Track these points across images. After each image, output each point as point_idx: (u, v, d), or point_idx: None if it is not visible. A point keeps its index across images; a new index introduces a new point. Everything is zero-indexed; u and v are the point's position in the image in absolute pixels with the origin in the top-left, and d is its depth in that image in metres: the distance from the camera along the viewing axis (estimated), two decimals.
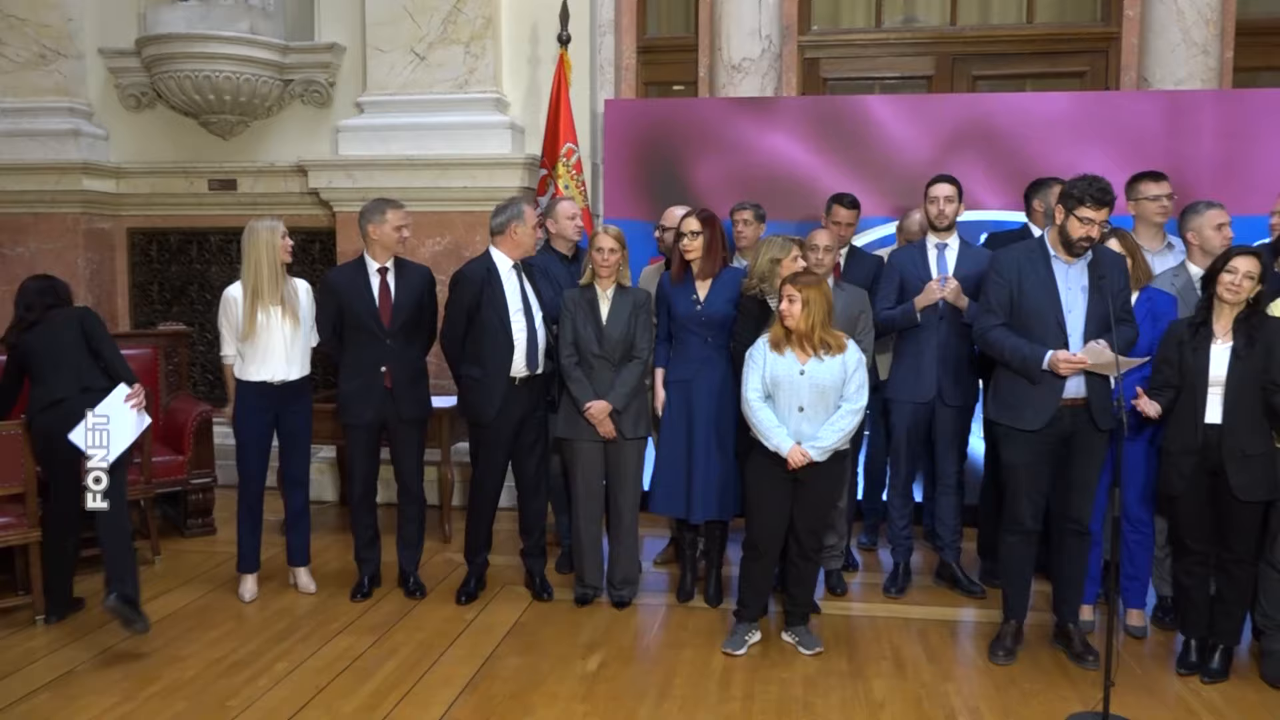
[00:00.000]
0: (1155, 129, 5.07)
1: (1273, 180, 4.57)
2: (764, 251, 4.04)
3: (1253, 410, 3.44)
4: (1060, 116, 5.17)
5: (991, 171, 5.15)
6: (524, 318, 4.14)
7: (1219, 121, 5.06)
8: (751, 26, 5.88)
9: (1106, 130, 5.10)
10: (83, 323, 3.91)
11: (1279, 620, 3.59)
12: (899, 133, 5.29)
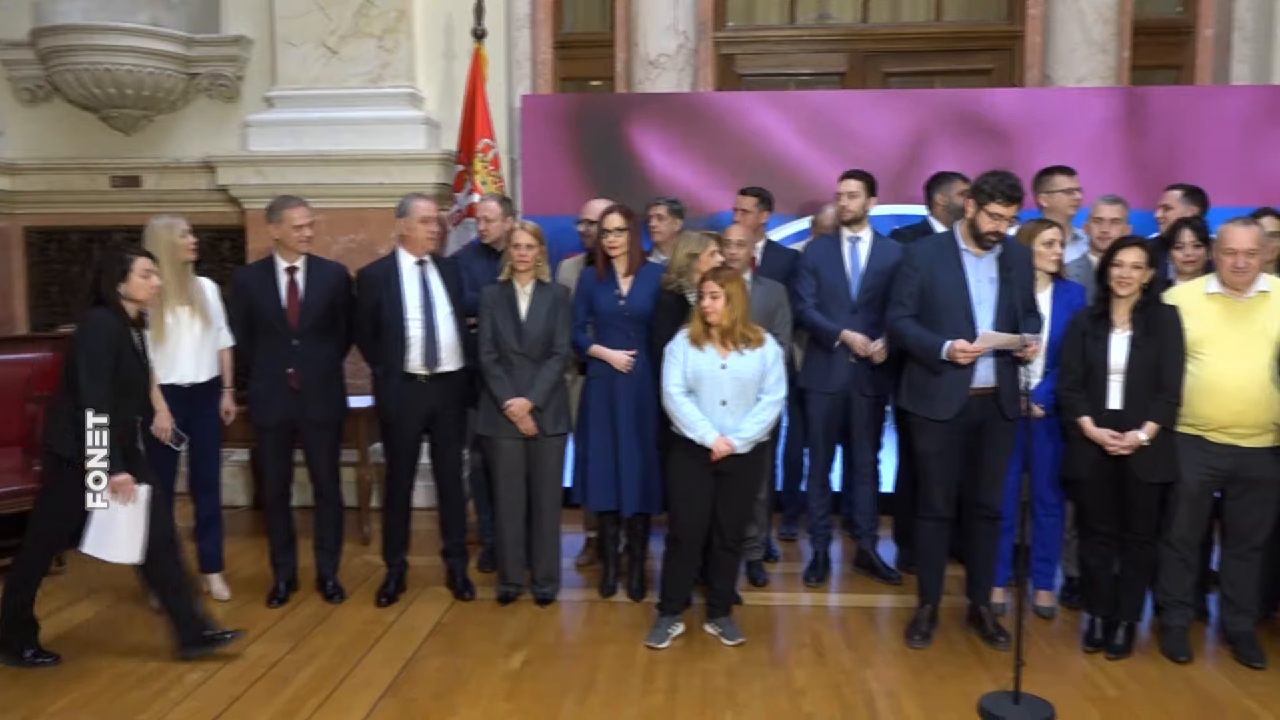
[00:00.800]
0: (1057, 125, 5.23)
1: (1167, 176, 4.76)
2: (681, 247, 4.06)
3: (1150, 396, 3.57)
4: (966, 113, 5.30)
5: (900, 166, 5.24)
6: (423, 315, 4.10)
7: (1119, 118, 5.24)
8: (668, 22, 5.90)
9: (1007, 126, 5.24)
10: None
11: (1177, 597, 3.74)
12: (814, 128, 5.36)
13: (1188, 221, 3.91)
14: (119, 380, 3.46)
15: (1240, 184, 5.05)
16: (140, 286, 3.52)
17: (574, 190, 5.34)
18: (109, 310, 3.48)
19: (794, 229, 5.30)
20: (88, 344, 3.43)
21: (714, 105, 5.50)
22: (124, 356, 3.48)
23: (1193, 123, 5.19)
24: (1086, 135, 5.21)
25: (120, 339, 3.48)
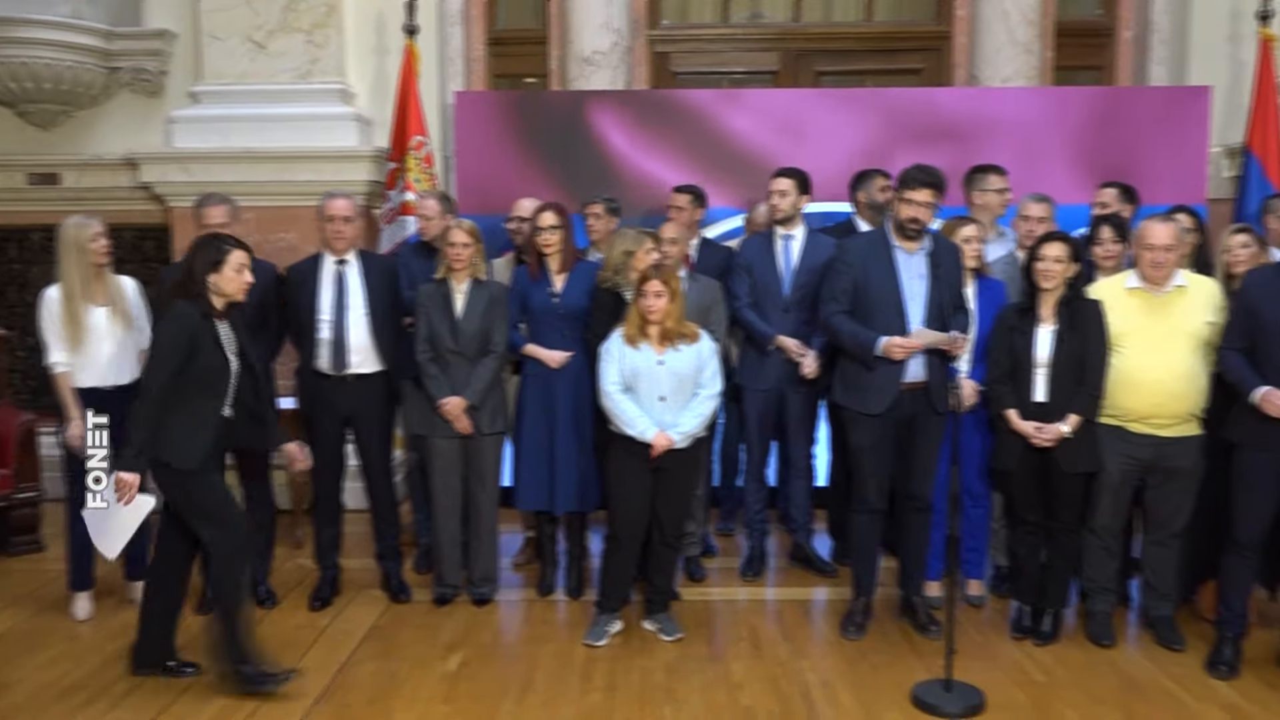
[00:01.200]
0: (985, 125, 5.33)
1: (1093, 173, 4.89)
2: (617, 244, 4.07)
3: (1074, 389, 3.66)
4: (895, 112, 5.37)
5: (831, 163, 5.29)
6: (333, 315, 4.06)
7: (1047, 117, 5.35)
8: (601, 20, 5.90)
9: (938, 126, 5.32)
10: None
11: (1101, 583, 3.84)
12: (747, 126, 5.39)
13: (1107, 218, 4.03)
14: (198, 375, 3.28)
15: (1157, 182, 5.20)
16: (231, 280, 3.34)
17: (509, 188, 5.29)
18: (192, 302, 3.30)
19: (732, 225, 5.32)
20: (160, 336, 3.30)
21: (651, 102, 5.50)
22: (204, 350, 3.29)
23: (1112, 122, 5.33)
24: (1018, 133, 5.31)
25: (200, 332, 3.29)
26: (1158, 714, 3.27)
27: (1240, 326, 3.49)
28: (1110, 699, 3.37)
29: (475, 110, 5.49)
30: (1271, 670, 3.55)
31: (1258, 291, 3.47)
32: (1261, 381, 3.38)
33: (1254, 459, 3.46)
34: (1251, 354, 3.46)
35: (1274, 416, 3.33)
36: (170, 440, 3.28)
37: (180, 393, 3.26)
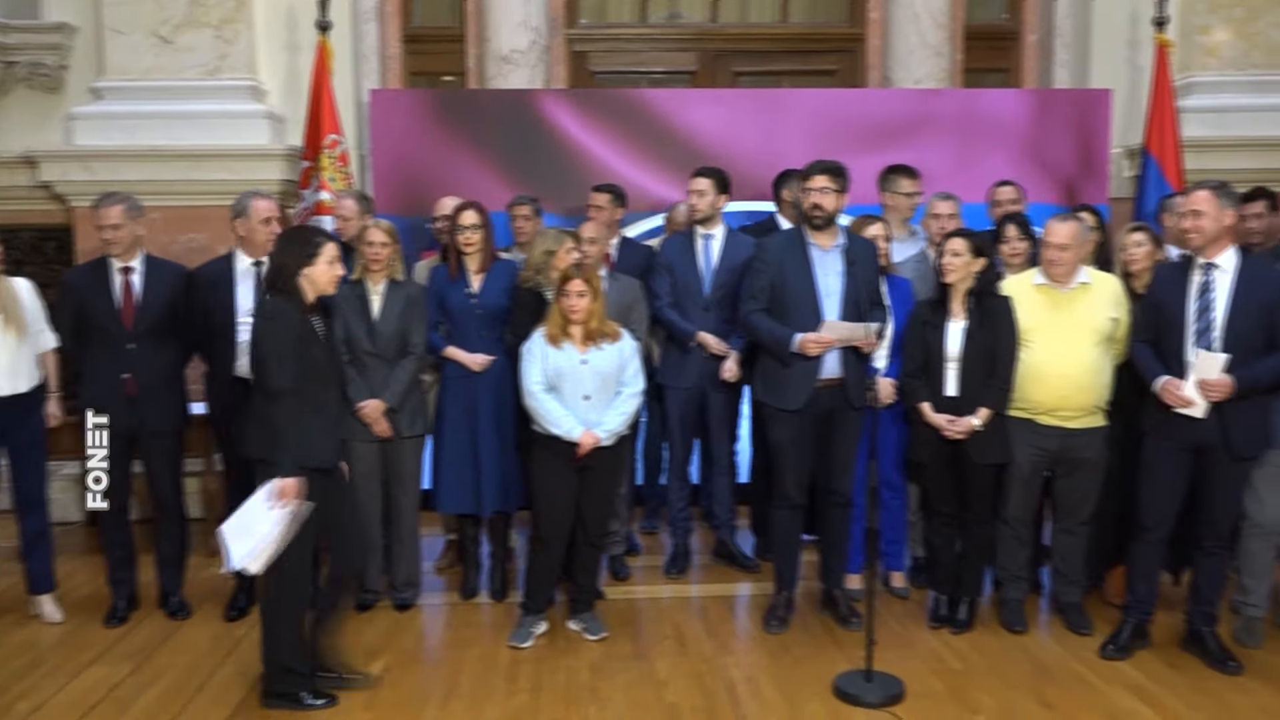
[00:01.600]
0: (898, 124, 5.43)
1: (1001, 173, 5.02)
2: (538, 244, 4.06)
3: (984, 383, 3.76)
4: (812, 112, 5.44)
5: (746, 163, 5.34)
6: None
7: (954, 118, 5.48)
8: (519, 18, 5.87)
9: (852, 125, 5.40)
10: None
11: (1013, 571, 3.96)
12: (667, 125, 5.40)
13: (1012, 217, 4.15)
14: (310, 371, 3.17)
15: (1062, 182, 5.38)
16: (324, 273, 3.22)
17: (426, 188, 5.23)
18: (287, 297, 3.18)
19: (652, 224, 5.33)
20: (273, 334, 3.12)
21: (570, 102, 5.49)
22: (311, 345, 3.19)
23: (1018, 123, 5.48)
24: (929, 134, 5.42)
25: (304, 326, 3.19)
26: (1068, 696, 3.38)
27: (1148, 319, 3.63)
28: (1023, 684, 3.47)
29: (391, 108, 5.40)
30: (1175, 652, 3.69)
31: (1162, 286, 3.61)
32: (1164, 371, 3.52)
33: (1158, 448, 3.59)
34: (1158, 345, 3.59)
35: (1171, 404, 3.47)
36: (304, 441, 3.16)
37: (300, 392, 3.14)
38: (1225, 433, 3.45)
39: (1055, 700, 3.35)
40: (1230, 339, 3.43)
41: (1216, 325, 3.45)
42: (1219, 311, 3.46)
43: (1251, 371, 3.39)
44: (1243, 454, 3.50)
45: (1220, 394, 3.38)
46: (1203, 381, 3.40)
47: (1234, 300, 3.44)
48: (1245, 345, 3.40)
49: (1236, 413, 3.43)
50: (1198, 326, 3.48)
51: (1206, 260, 3.49)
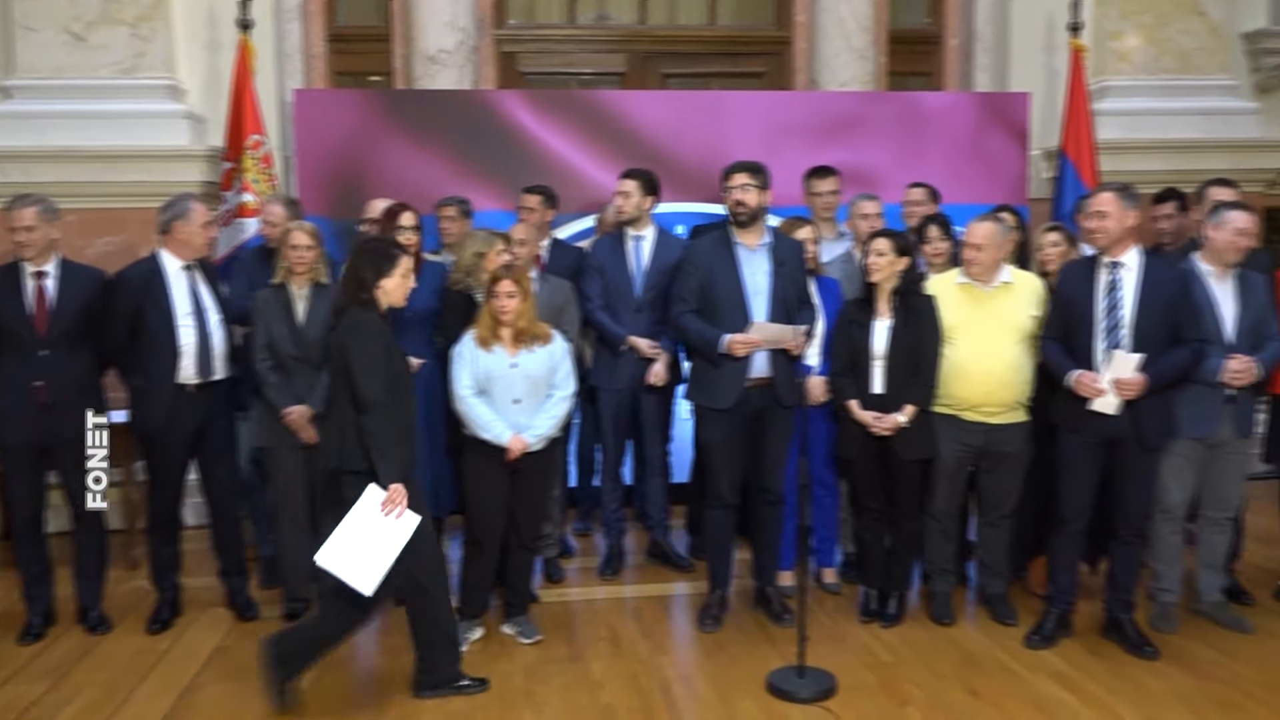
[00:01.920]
0: (828, 127, 5.50)
1: (924, 174, 5.12)
2: (468, 246, 4.03)
3: (909, 380, 3.82)
4: (746, 114, 5.48)
5: (691, 165, 5.36)
6: (195, 321, 3.87)
7: (881, 120, 5.55)
8: (446, 18, 5.81)
9: (785, 127, 5.46)
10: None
11: (940, 565, 4.04)
12: (597, 127, 5.40)
13: (933, 218, 4.24)
14: (393, 381, 3.18)
15: (983, 182, 5.49)
16: (399, 286, 3.26)
17: (354, 190, 5.16)
18: (368, 309, 3.19)
19: (584, 225, 5.32)
20: (363, 348, 3.13)
21: (497, 103, 5.45)
22: (394, 356, 3.22)
23: (941, 125, 5.58)
24: (855, 135, 5.49)
25: (388, 337, 3.21)
26: (994, 685, 3.46)
27: (1057, 317, 3.73)
28: (951, 674, 3.55)
29: (315, 109, 5.31)
30: (1096, 639, 3.80)
31: (1071, 283, 3.71)
32: (1075, 366, 3.62)
33: (1072, 441, 3.70)
34: (1067, 342, 3.69)
35: (1086, 397, 3.57)
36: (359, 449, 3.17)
37: (389, 403, 3.16)
38: (1136, 425, 3.57)
39: (981, 689, 3.43)
40: (1138, 335, 3.55)
41: (1125, 323, 3.57)
42: (1127, 309, 3.58)
43: (1159, 368, 3.52)
44: (1151, 445, 3.62)
45: (1134, 392, 3.49)
46: (1118, 380, 3.51)
47: (1140, 298, 3.57)
48: (1151, 341, 3.53)
49: (1145, 406, 3.55)
50: (1107, 324, 3.59)
51: (1112, 259, 3.61)
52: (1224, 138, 5.94)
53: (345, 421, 3.17)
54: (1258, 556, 4.02)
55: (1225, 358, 3.64)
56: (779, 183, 4.08)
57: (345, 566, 3.12)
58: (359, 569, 3.12)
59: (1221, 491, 3.86)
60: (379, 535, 3.12)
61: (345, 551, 3.12)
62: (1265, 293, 3.77)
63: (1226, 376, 3.64)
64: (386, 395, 3.13)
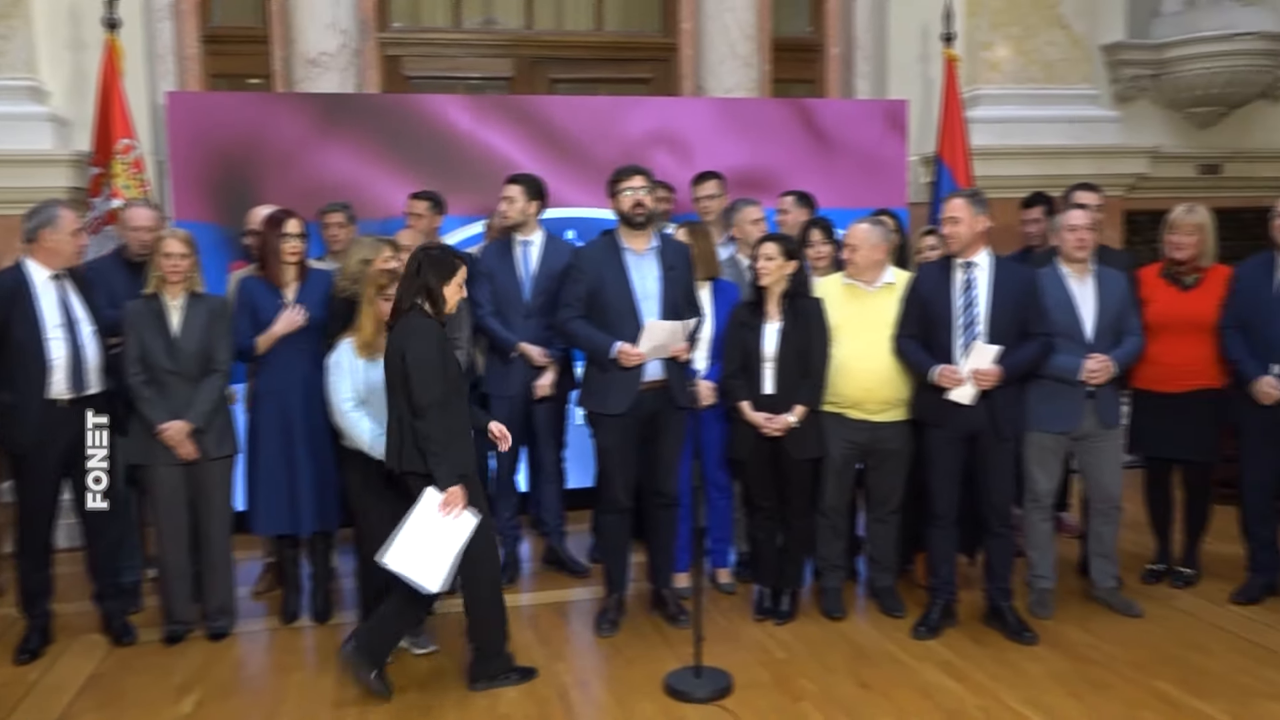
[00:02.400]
0: (713, 132, 5.56)
1: (808, 179, 5.24)
2: (354, 253, 3.94)
3: (799, 381, 3.90)
4: (635, 119, 5.49)
5: (579, 170, 5.36)
6: (66, 333, 3.69)
7: (766, 126, 5.64)
8: (327, 20, 5.68)
9: (671, 131, 5.50)
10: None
11: (831, 561, 4.13)
12: (483, 132, 5.35)
13: (815, 221, 4.34)
14: (449, 385, 3.28)
15: (864, 187, 5.63)
16: (454, 294, 3.36)
17: (231, 196, 5.00)
18: (426, 315, 3.29)
19: (473, 231, 5.26)
20: (419, 351, 3.22)
21: (383, 106, 5.36)
22: (450, 361, 3.32)
23: (823, 131, 5.71)
24: (741, 141, 5.55)
25: (445, 341, 3.32)
26: (883, 676, 3.55)
27: (914, 315, 3.85)
28: (842, 668, 3.63)
29: (189, 112, 5.10)
30: (979, 627, 3.94)
31: (927, 283, 3.85)
32: (935, 362, 3.75)
33: (936, 436, 3.83)
34: (924, 339, 3.82)
35: (948, 388, 3.70)
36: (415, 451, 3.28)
37: (444, 405, 3.26)
38: (992, 417, 3.73)
39: (871, 680, 3.52)
40: (992, 331, 3.72)
41: (980, 319, 3.73)
42: (981, 306, 3.74)
43: (1012, 360, 3.69)
44: (1007, 435, 3.78)
45: (991, 383, 3.65)
46: (976, 371, 3.65)
47: (993, 296, 3.74)
48: (1004, 336, 3.70)
49: (1000, 399, 3.72)
50: (964, 320, 3.74)
51: (965, 260, 3.77)
52: (1087, 144, 6.25)
53: (404, 424, 3.29)
54: (1125, 542, 4.22)
55: (1084, 357, 3.83)
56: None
57: (410, 566, 3.26)
58: (423, 568, 3.26)
59: (1101, 482, 4.05)
60: (440, 535, 3.27)
61: (409, 552, 3.26)
62: (1124, 290, 3.98)
63: (1084, 375, 3.83)
64: (442, 398, 3.24)
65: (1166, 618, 4.02)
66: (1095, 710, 3.27)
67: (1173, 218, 4.15)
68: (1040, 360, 3.79)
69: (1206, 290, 4.10)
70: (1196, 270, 4.12)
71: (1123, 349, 3.92)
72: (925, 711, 3.29)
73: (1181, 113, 6.76)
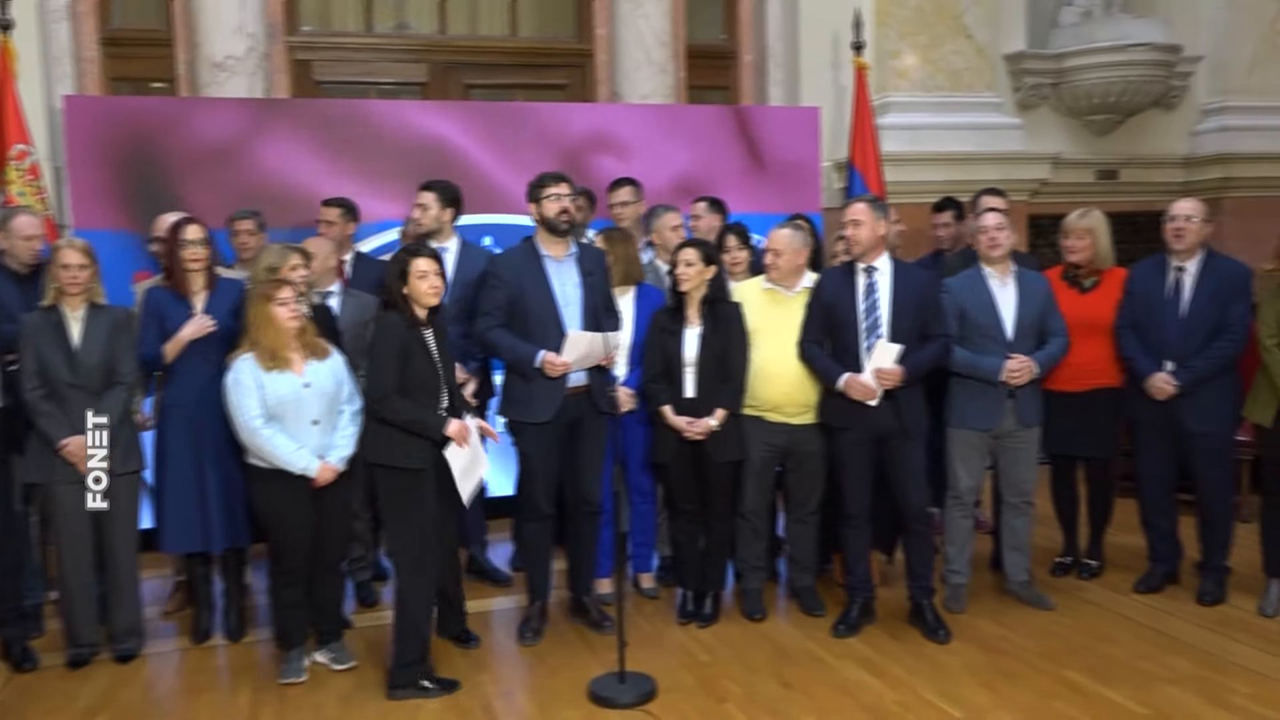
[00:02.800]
0: (631, 139, 5.57)
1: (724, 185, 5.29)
2: (262, 261, 3.84)
3: (719, 385, 3.94)
4: (551, 125, 5.46)
5: (497, 176, 5.32)
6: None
7: (682, 132, 5.65)
8: (234, 23, 5.55)
9: (590, 138, 5.49)
10: None
11: (751, 562, 4.17)
12: (397, 137, 5.27)
13: (731, 227, 4.39)
14: (410, 380, 3.44)
15: (779, 193, 5.71)
16: (417, 287, 3.43)
17: (134, 203, 4.84)
18: (396, 312, 3.43)
19: (389, 238, 5.18)
20: (375, 345, 3.46)
21: (290, 112, 5.24)
22: (413, 356, 3.43)
23: (738, 137, 5.75)
24: (658, 147, 5.55)
25: (408, 339, 3.42)
26: (804, 675, 3.60)
27: (818, 320, 3.92)
28: (765, 668, 3.66)
29: (89, 116, 4.92)
30: (897, 624, 4.02)
31: (831, 289, 3.92)
32: (842, 369, 3.82)
33: (846, 439, 3.90)
34: (830, 343, 3.88)
35: (858, 399, 3.77)
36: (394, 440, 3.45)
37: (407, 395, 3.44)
38: (898, 417, 3.80)
39: (793, 679, 3.56)
40: (894, 332, 3.79)
41: (883, 322, 3.81)
42: (884, 309, 3.82)
43: (914, 360, 3.76)
44: (913, 434, 3.86)
45: (893, 382, 3.72)
46: (879, 370, 3.72)
47: (894, 299, 3.82)
48: (906, 337, 3.78)
49: (904, 399, 3.80)
50: (868, 324, 3.82)
51: (867, 264, 3.85)
52: (993, 151, 6.44)
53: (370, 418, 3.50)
54: (1034, 536, 4.34)
55: (1005, 358, 3.94)
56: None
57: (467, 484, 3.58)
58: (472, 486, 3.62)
59: (1014, 478, 4.16)
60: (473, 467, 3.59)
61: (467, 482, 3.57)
62: (1046, 292, 4.09)
63: (1005, 375, 3.93)
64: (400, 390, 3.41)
65: (1074, 608, 4.16)
66: (1007, 700, 3.36)
67: (1066, 222, 4.31)
68: (940, 359, 3.88)
69: (1104, 292, 4.25)
70: (1095, 273, 4.27)
71: (1046, 350, 4.02)
72: (846, 708, 3.34)
73: (1080, 120, 7.01)
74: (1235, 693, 3.35)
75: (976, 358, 3.95)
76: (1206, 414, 4.03)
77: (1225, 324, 3.98)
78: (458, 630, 3.94)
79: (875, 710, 3.32)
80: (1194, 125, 7.25)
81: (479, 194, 5.08)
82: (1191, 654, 3.67)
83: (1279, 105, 7.16)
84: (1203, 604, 4.11)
